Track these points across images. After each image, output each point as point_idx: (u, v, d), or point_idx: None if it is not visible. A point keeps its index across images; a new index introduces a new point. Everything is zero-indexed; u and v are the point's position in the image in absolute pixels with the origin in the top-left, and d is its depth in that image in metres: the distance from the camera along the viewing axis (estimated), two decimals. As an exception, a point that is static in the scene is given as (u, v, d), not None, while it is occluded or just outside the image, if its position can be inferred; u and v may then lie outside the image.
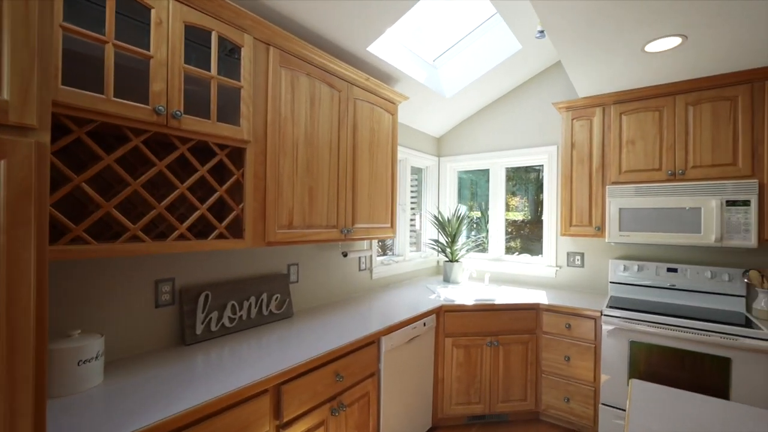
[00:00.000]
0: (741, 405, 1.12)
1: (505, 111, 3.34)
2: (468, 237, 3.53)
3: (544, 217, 3.17)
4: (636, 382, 1.25)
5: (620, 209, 2.47)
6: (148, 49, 1.24)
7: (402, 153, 3.22)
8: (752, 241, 2.10)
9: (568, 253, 3.02)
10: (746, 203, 2.12)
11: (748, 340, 1.92)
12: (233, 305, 1.80)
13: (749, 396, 1.91)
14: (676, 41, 1.77)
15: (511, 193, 3.48)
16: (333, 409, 1.59)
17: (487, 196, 3.53)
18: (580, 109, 2.67)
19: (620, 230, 2.47)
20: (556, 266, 3.07)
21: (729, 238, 2.16)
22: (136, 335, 1.51)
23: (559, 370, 2.47)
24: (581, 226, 2.67)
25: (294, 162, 1.77)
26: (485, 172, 3.57)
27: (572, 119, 2.70)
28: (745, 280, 2.31)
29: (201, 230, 1.66)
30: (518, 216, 3.42)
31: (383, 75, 2.50)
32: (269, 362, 1.43)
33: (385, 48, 2.35)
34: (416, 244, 3.62)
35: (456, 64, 2.91)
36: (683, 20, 1.63)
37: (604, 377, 2.29)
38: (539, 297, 2.69)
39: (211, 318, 1.70)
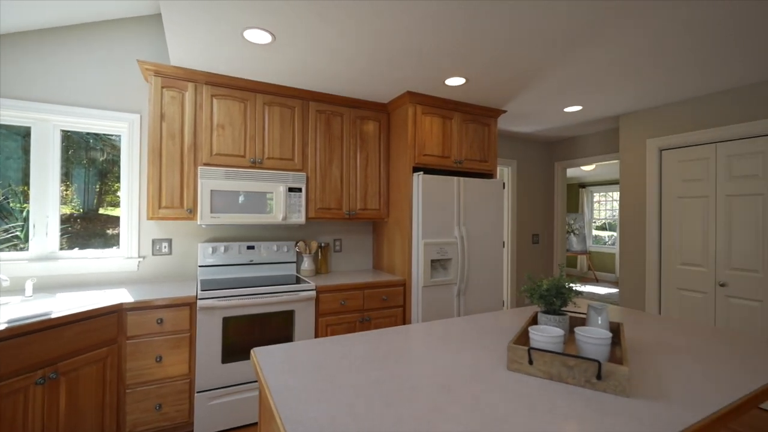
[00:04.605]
0: (336, 337, 1.42)
1: (72, 49, 2.41)
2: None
3: (123, 200, 2.60)
4: (257, 350, 1.27)
5: (212, 191, 2.49)
6: None
7: None
8: (303, 218, 2.80)
9: (153, 241, 2.66)
10: (300, 190, 2.79)
11: (303, 293, 2.54)
12: None
13: (305, 332, 2.54)
14: (267, 37, 1.99)
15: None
16: None
17: (22, 169, 2.40)
18: (171, 78, 2.41)
19: (212, 212, 2.49)
20: (139, 257, 2.62)
21: (290, 217, 2.76)
22: None
23: (150, 376, 2.11)
24: (172, 208, 2.43)
25: None
26: (15, 136, 2.40)
27: (162, 87, 2.39)
28: (296, 249, 3.06)
29: None
30: (68, 209, 2.56)
31: None
32: None
33: None
34: None
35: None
36: (274, 19, 1.86)
37: (199, 364, 2.21)
38: (121, 296, 2.16)
39: None
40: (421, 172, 2.83)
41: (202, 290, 2.28)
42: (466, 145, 3.13)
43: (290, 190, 2.74)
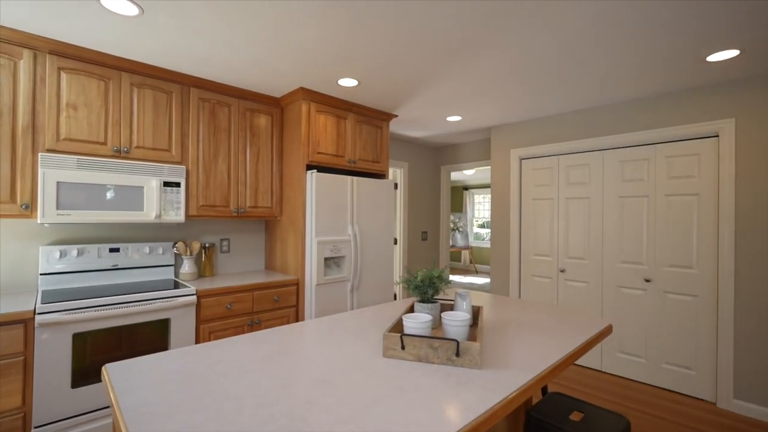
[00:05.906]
0: (212, 342, 1.32)
1: None
2: None
3: None
4: (110, 366, 1.11)
5: (58, 183, 2.08)
6: None
7: None
8: (182, 216, 2.53)
9: (-31, 245, 2.10)
10: (178, 185, 2.52)
11: (180, 299, 2.30)
12: None
13: (184, 341, 2.30)
14: (133, 9, 1.74)
15: None
16: None
17: None
18: (-4, 41, 1.93)
19: (58, 208, 2.08)
20: (-54, 266, 2.04)
21: (166, 215, 2.47)
22: None
23: (-39, 415, 1.67)
24: (0, 203, 1.95)
25: None
26: None
27: (-18, 51, 1.90)
28: (175, 251, 2.75)
29: None
30: None
31: None
32: None
33: None
34: None
35: None
36: (142, -6, 1.64)
37: (39, 393, 1.83)
38: None
39: None
40: (315, 171, 2.82)
41: (42, 303, 1.88)
42: (360, 146, 3.22)
43: (166, 184, 2.45)
